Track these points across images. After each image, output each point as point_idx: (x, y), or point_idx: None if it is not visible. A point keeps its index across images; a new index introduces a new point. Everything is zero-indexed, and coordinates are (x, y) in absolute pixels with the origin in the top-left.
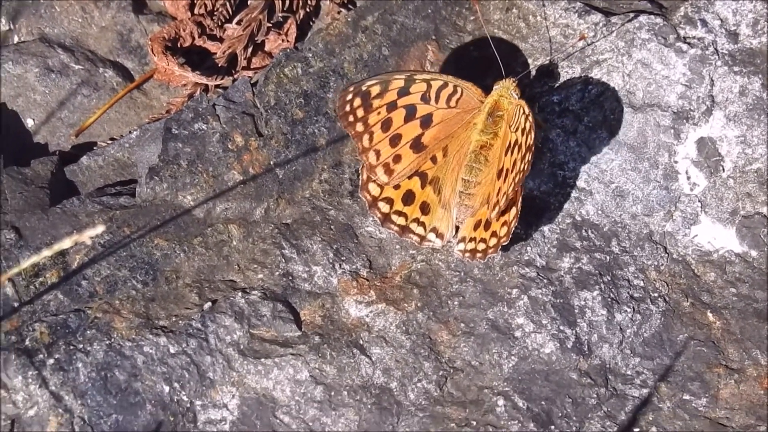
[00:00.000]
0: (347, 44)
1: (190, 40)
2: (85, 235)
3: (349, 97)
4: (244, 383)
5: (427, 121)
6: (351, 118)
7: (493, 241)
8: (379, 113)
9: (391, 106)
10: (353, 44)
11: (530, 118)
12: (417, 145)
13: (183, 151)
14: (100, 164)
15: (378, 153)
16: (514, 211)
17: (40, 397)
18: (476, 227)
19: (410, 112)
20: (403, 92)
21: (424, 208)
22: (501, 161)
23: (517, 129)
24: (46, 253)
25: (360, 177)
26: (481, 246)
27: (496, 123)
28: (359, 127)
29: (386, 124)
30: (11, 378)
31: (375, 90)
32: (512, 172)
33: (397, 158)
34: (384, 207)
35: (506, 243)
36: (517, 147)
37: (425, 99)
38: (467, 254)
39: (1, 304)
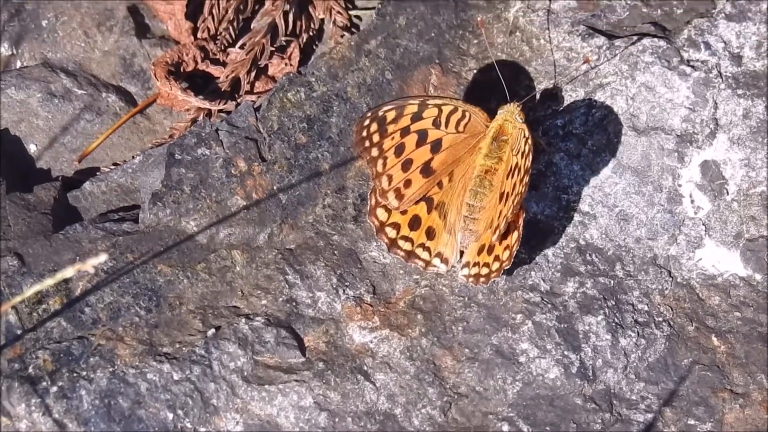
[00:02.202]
0: (350, 68)
1: (193, 65)
2: (88, 264)
3: (367, 122)
4: (248, 410)
5: (436, 146)
6: (367, 144)
7: (495, 265)
8: (393, 138)
9: (405, 131)
10: (356, 68)
11: (529, 141)
12: (426, 170)
13: (186, 177)
14: (103, 190)
15: (390, 178)
16: (515, 234)
17: (43, 425)
18: (480, 252)
19: (422, 137)
20: (416, 117)
21: (430, 233)
22: (503, 185)
23: (518, 152)
24: (49, 281)
25: (368, 202)
26: (484, 270)
27: (500, 147)
28: (374, 152)
29: (399, 149)
30: (14, 406)
31: (390, 115)
32: (512, 194)
33: (408, 183)
34: (391, 232)
35: (508, 267)
36: (516, 170)
37: (436, 124)
38: (471, 279)
39: (4, 332)
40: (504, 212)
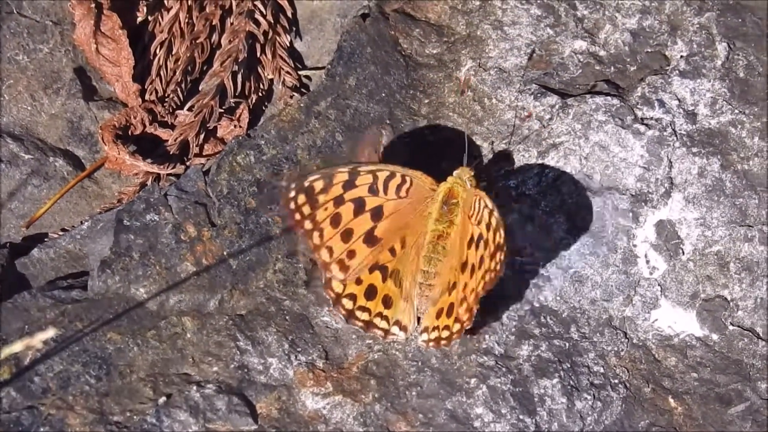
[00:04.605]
0: (300, 130)
1: (141, 128)
2: (36, 339)
3: (292, 194)
4: None
5: (377, 214)
6: (297, 216)
7: (456, 327)
8: (326, 209)
9: (339, 201)
10: (306, 130)
11: (495, 213)
12: (370, 239)
13: (135, 243)
14: (51, 256)
15: (330, 250)
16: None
17: None
18: (438, 315)
19: (359, 206)
20: (349, 185)
21: (386, 302)
22: (464, 253)
23: (479, 222)
24: None
25: (323, 274)
26: (445, 333)
27: (451, 211)
28: (307, 224)
29: (335, 220)
30: None
31: (318, 185)
32: (479, 269)
33: (351, 254)
34: (348, 303)
35: (469, 326)
36: (483, 242)
37: (373, 191)
38: (432, 343)
39: None
40: (472, 286)
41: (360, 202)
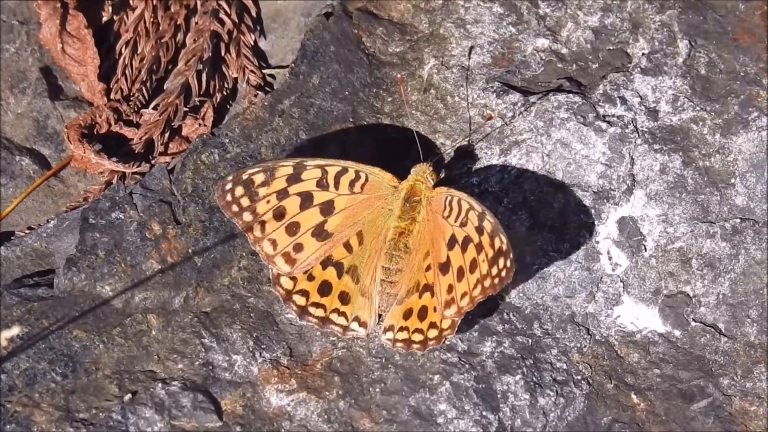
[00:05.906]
0: (264, 129)
1: (107, 127)
2: (1, 337)
3: (229, 186)
4: None
5: (328, 208)
6: (235, 208)
7: (432, 333)
8: (268, 201)
9: (282, 194)
10: (270, 128)
11: (489, 217)
12: (321, 233)
13: (100, 241)
14: (17, 255)
15: (274, 243)
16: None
17: None
18: (407, 316)
19: (306, 199)
20: (294, 179)
21: (344, 298)
22: (442, 255)
23: (464, 225)
24: None
25: (271, 271)
26: (418, 337)
27: (413, 208)
28: (247, 216)
29: (279, 213)
30: None
31: (259, 178)
32: (472, 273)
33: (299, 247)
34: (300, 300)
35: (451, 335)
36: (473, 246)
37: (322, 185)
38: (399, 344)
39: None
40: (463, 290)
41: (307, 195)
